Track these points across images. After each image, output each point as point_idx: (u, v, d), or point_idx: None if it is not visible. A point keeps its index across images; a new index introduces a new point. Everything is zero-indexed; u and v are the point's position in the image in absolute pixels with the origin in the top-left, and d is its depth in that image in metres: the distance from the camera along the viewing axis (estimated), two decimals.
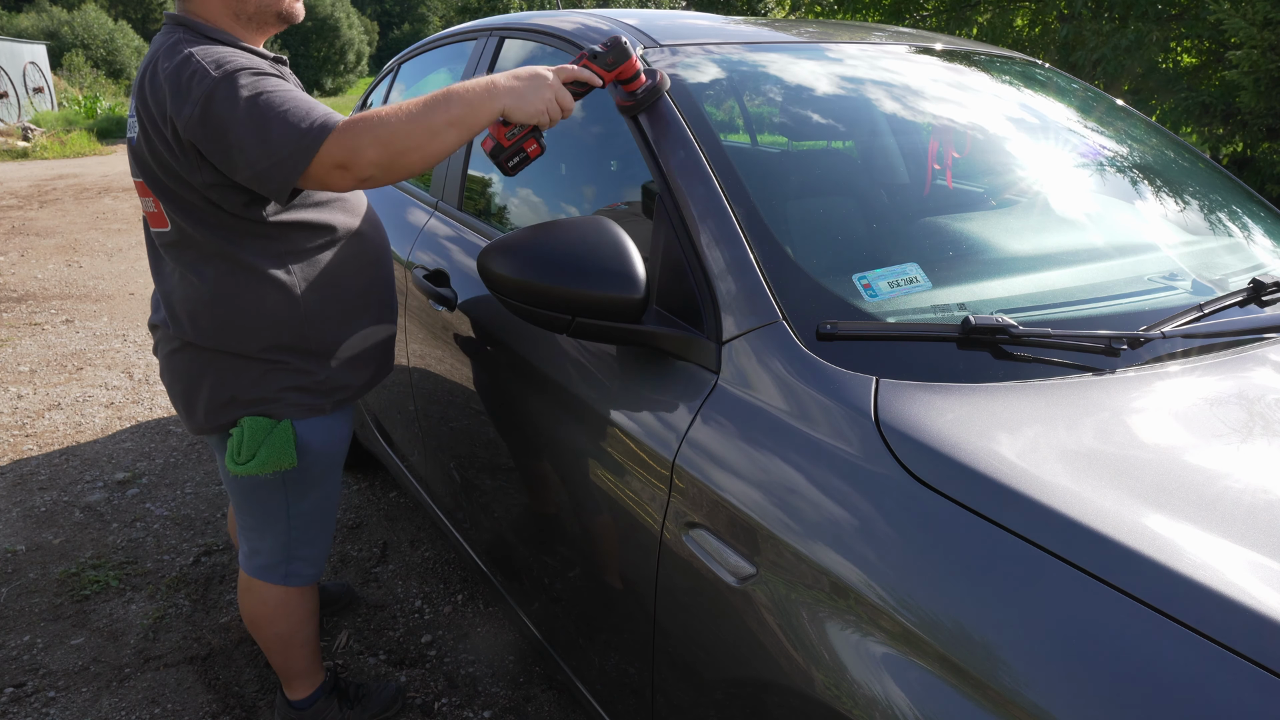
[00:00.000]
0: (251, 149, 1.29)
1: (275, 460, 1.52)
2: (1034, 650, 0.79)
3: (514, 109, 1.33)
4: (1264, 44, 4.83)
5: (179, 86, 1.31)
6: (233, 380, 1.52)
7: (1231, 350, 1.19)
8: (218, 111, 1.29)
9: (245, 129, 1.29)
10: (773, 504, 1.05)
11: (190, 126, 1.31)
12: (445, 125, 1.30)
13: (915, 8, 9.03)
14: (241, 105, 1.29)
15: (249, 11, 1.46)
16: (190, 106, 1.30)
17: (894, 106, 1.74)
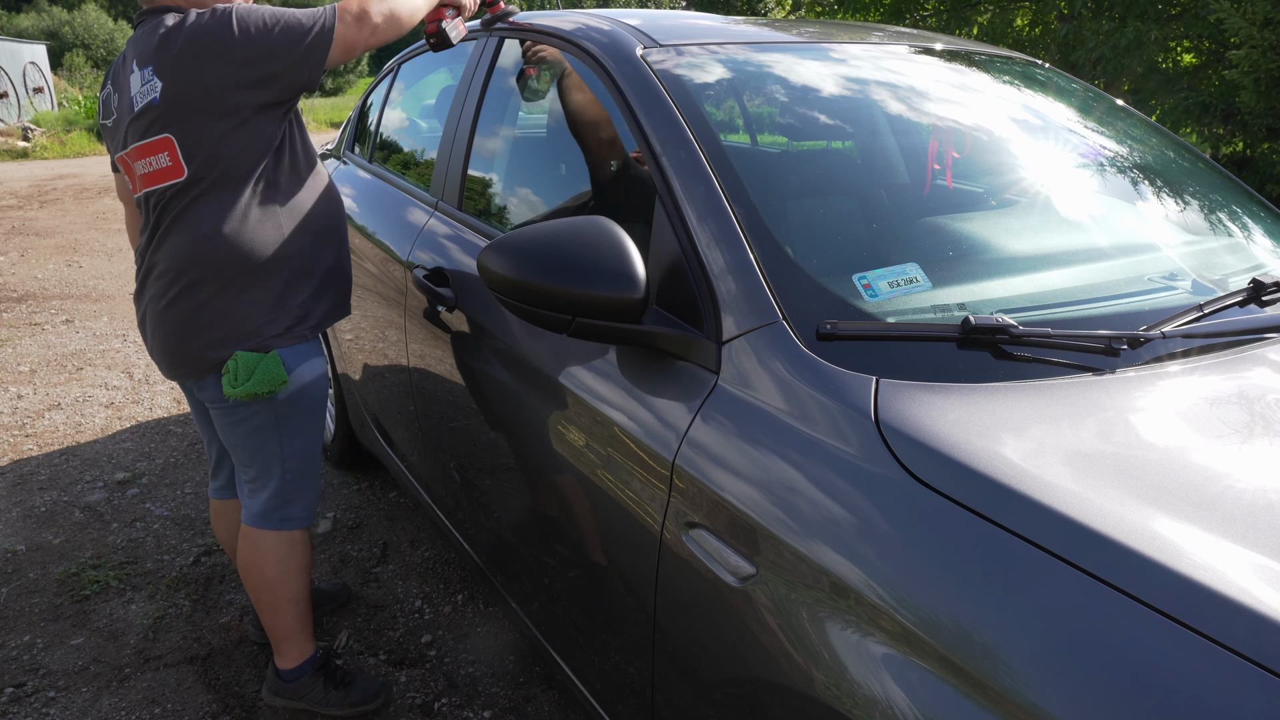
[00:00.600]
0: (291, 34, 1.63)
1: (269, 380, 1.70)
2: (1034, 650, 0.79)
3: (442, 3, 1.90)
4: (1264, 44, 4.83)
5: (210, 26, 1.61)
6: (224, 318, 1.71)
7: (1231, 350, 1.19)
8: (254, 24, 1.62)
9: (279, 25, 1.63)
10: (773, 504, 1.05)
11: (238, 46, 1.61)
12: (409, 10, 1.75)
13: (915, 8, 9.03)
14: (266, 11, 1.65)
15: None
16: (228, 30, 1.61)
17: (894, 106, 1.74)
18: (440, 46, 1.95)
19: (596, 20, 1.78)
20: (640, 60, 1.55)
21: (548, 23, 1.92)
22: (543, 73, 1.91)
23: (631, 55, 1.57)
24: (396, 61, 2.94)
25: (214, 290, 1.69)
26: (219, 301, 1.70)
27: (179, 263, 1.69)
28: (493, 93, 2.09)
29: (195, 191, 1.66)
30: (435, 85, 2.70)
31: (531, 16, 2.08)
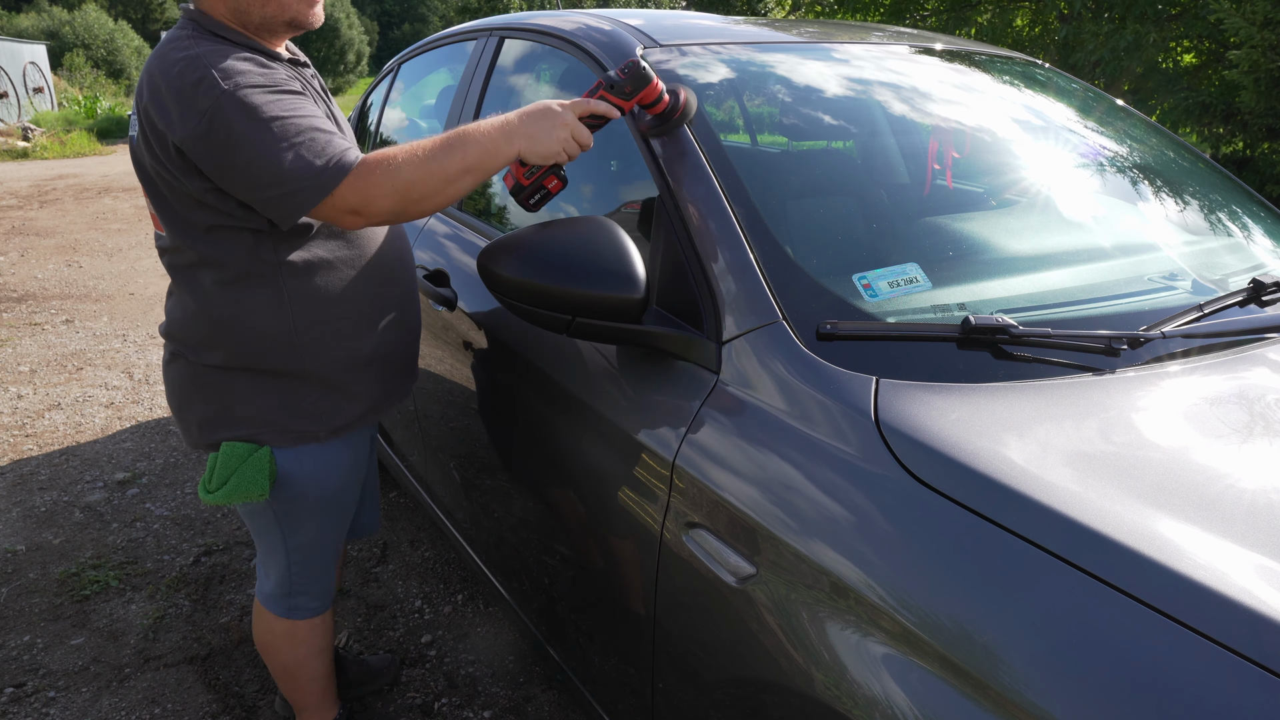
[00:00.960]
0: (261, 174, 1.21)
1: (244, 490, 1.40)
2: (1034, 650, 0.79)
3: (529, 152, 1.29)
4: (1264, 44, 4.83)
5: (183, 92, 1.21)
6: (219, 397, 1.42)
7: (1231, 350, 1.19)
8: (225, 129, 1.19)
9: (255, 152, 1.20)
10: (773, 504, 1.05)
11: (192, 141, 1.21)
12: (461, 172, 1.26)
13: (915, 8, 9.03)
14: (253, 126, 1.20)
15: (254, 22, 1.34)
16: (194, 119, 1.20)
17: (894, 106, 1.74)
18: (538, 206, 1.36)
19: (596, 20, 1.78)
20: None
21: (549, 22, 1.92)
22: None
23: (631, 55, 1.57)
24: (396, 61, 2.94)
25: (211, 364, 1.42)
26: (214, 376, 1.42)
27: (175, 326, 1.44)
28: (493, 93, 2.09)
29: (183, 259, 1.38)
30: (435, 85, 2.70)
31: (532, 16, 2.08)
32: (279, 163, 1.20)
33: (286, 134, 1.21)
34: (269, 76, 1.26)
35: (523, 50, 2.05)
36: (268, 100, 1.22)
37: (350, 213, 1.25)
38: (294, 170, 1.21)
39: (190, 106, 1.20)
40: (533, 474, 1.59)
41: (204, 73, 1.21)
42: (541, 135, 1.28)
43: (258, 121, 1.20)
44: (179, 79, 1.22)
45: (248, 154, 1.20)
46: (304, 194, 1.22)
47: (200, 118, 1.20)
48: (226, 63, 1.23)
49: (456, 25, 2.59)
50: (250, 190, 1.24)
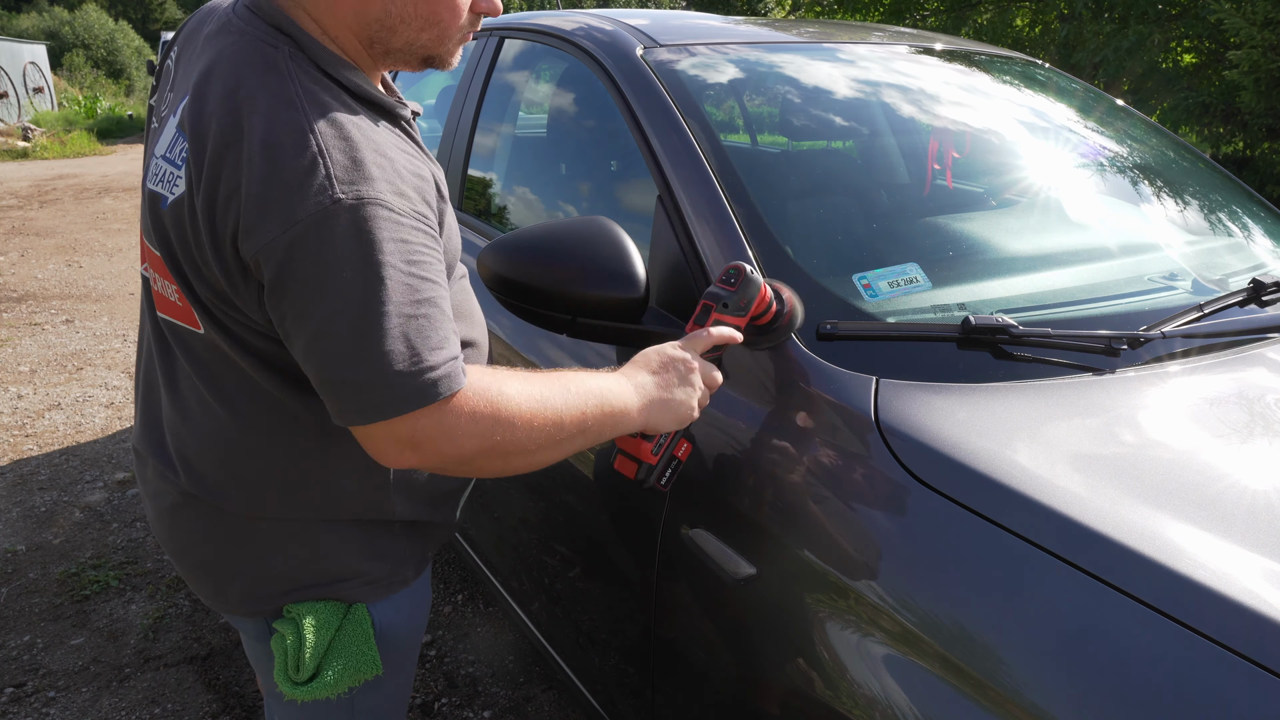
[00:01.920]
0: (339, 346, 0.81)
1: (354, 671, 1.02)
2: (1034, 650, 0.79)
3: (661, 423, 1.00)
4: (1264, 44, 4.83)
5: (282, 174, 0.80)
6: (281, 554, 1.01)
7: (1231, 350, 1.19)
8: (317, 258, 0.80)
9: (348, 312, 0.80)
10: (773, 504, 1.05)
11: (271, 251, 0.80)
12: (577, 431, 0.92)
13: (915, 8, 9.03)
14: (363, 272, 0.80)
15: (392, 46, 0.94)
16: (279, 223, 0.80)
17: (894, 106, 1.74)
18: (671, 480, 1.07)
19: (596, 20, 1.78)
20: (640, 60, 1.55)
21: (548, 22, 1.92)
22: None
23: (631, 55, 1.57)
24: None
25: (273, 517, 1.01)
26: (272, 529, 1.02)
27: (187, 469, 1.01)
28: (493, 93, 2.09)
29: (224, 364, 0.96)
30: (435, 85, 2.70)
31: (532, 16, 2.08)
32: (371, 340, 0.80)
33: (401, 300, 0.81)
34: (400, 168, 0.86)
35: (523, 50, 2.05)
36: (396, 236, 0.82)
37: (408, 445, 0.85)
38: (389, 360, 0.80)
39: (280, 203, 0.80)
40: (533, 474, 1.59)
41: (315, 156, 0.80)
42: (677, 397, 1.00)
43: (374, 267, 0.80)
44: (281, 153, 0.81)
45: (334, 308, 0.80)
46: (381, 400, 0.82)
47: (287, 226, 0.79)
48: (355, 147, 0.83)
49: None
50: (312, 359, 0.84)
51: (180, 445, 1.01)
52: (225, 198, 0.82)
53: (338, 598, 1.03)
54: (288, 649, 1.00)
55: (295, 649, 1.00)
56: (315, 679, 0.99)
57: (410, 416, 0.83)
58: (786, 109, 1.75)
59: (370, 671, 1.03)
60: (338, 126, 0.84)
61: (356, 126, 0.86)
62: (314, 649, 0.99)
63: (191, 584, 1.09)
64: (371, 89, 0.93)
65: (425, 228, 0.86)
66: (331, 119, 0.84)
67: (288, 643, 1.00)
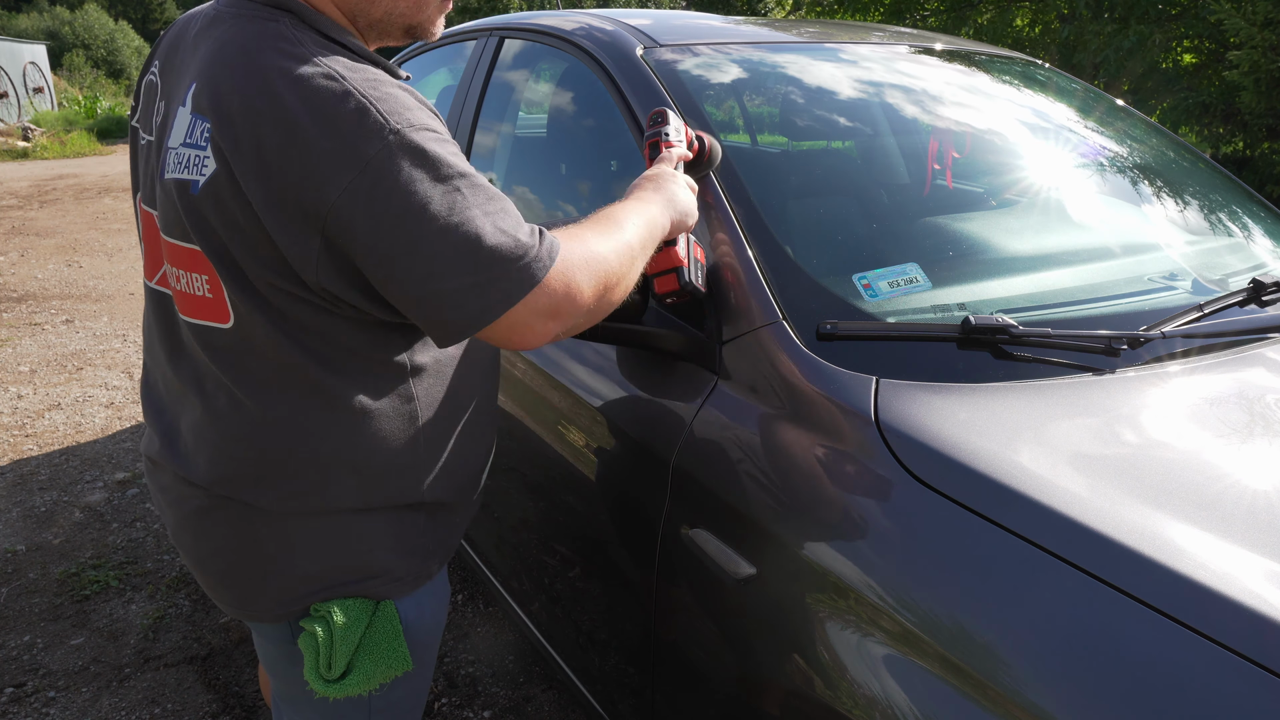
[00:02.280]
0: (449, 254, 0.84)
1: (385, 668, 1.02)
2: (1034, 650, 0.79)
3: (679, 223, 1.12)
4: (1265, 44, 4.83)
5: (336, 125, 0.83)
6: (315, 550, 1.01)
7: (1231, 350, 1.19)
8: (408, 186, 0.83)
9: (449, 222, 0.84)
10: (773, 504, 1.05)
11: (350, 200, 0.83)
12: (641, 247, 1.01)
13: (915, 8, 9.03)
14: (442, 187, 0.85)
15: (373, 17, 0.98)
16: (351, 170, 0.82)
17: (894, 106, 1.74)
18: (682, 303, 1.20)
19: (596, 20, 1.78)
20: (640, 60, 1.55)
21: (548, 22, 1.92)
22: None
23: (631, 55, 1.57)
24: (395, 61, 2.94)
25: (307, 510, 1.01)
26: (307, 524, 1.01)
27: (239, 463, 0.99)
28: (493, 93, 2.09)
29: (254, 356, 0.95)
30: (435, 85, 2.70)
31: (532, 16, 2.08)
32: (477, 237, 0.84)
33: (481, 199, 0.87)
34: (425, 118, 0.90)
35: (523, 50, 2.05)
36: (450, 152, 0.88)
37: (549, 316, 0.89)
38: (495, 251, 0.85)
39: (345, 149, 0.82)
40: (532, 474, 1.59)
41: (359, 101, 0.84)
42: (682, 200, 1.12)
43: (446, 180, 0.85)
44: (326, 105, 0.83)
45: (435, 226, 0.83)
46: (510, 283, 0.86)
47: (361, 167, 0.82)
48: (382, 89, 0.87)
49: (456, 25, 2.59)
50: (424, 281, 0.85)
51: (209, 448, 1.00)
52: (278, 160, 0.83)
53: (366, 594, 1.04)
54: (319, 646, 0.99)
55: (327, 646, 0.99)
56: (346, 676, 1.00)
57: (540, 288, 0.87)
58: (786, 109, 1.75)
59: (401, 667, 1.04)
60: (362, 74, 0.88)
61: (375, 73, 0.90)
62: (345, 645, 1.00)
63: (216, 591, 1.08)
64: (370, 53, 0.96)
65: (455, 142, 0.93)
66: (354, 68, 0.88)
67: (319, 640, 0.99)
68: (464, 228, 0.84)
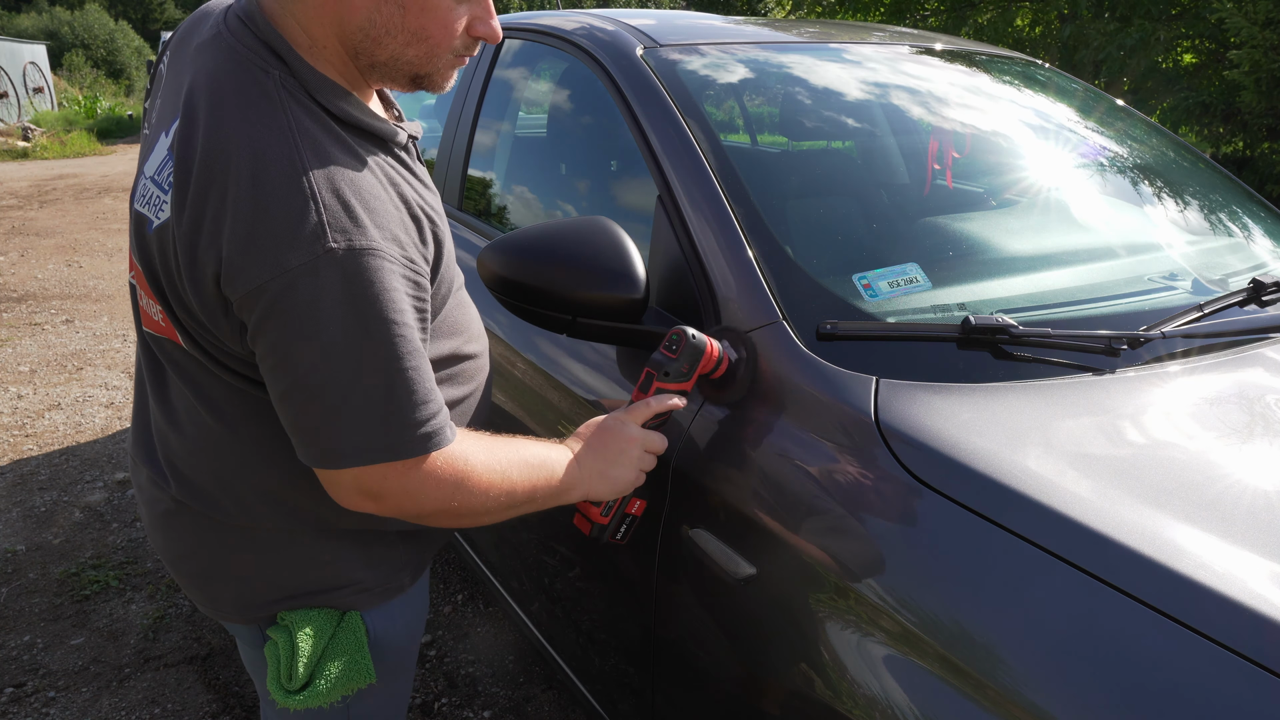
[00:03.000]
0: (319, 391, 0.81)
1: (346, 680, 1.00)
2: (1034, 650, 0.79)
3: (603, 492, 1.05)
4: (1265, 43, 4.83)
5: (271, 217, 0.79)
6: (275, 562, 1.01)
7: (1231, 350, 1.19)
8: (314, 309, 0.79)
9: (336, 362, 0.80)
10: (773, 504, 1.05)
11: (258, 295, 0.79)
12: (521, 504, 0.97)
13: (916, 8, 9.03)
14: (354, 325, 0.80)
15: (377, 59, 0.91)
16: (267, 269, 0.78)
17: (894, 106, 1.74)
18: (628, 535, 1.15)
19: (597, 20, 1.78)
20: (640, 60, 1.55)
21: (549, 22, 1.92)
22: None
23: (631, 55, 1.57)
24: None
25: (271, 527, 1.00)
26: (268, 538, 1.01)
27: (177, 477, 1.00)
28: (493, 92, 2.09)
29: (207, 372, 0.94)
30: None
31: (532, 16, 2.08)
32: (356, 392, 0.81)
33: (390, 355, 0.82)
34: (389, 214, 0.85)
35: (523, 50, 2.05)
36: (388, 282, 0.81)
37: (369, 496, 0.87)
38: (372, 412, 0.82)
39: (273, 246, 0.78)
40: None
41: (309, 201, 0.79)
42: (614, 470, 1.05)
43: (360, 320, 0.80)
44: (273, 195, 0.79)
45: (321, 358, 0.80)
46: (356, 447, 0.83)
47: (277, 274, 0.78)
48: (350, 186, 0.82)
49: None
50: (291, 403, 0.83)
51: (170, 455, 1.00)
52: (210, 234, 0.80)
53: (331, 605, 1.03)
54: (280, 657, 0.99)
55: (288, 657, 0.99)
56: (308, 687, 0.98)
57: (380, 468, 0.85)
58: (786, 109, 1.75)
59: (364, 680, 1.02)
60: (330, 165, 0.82)
61: (350, 165, 0.84)
62: (308, 658, 0.99)
63: (186, 590, 1.09)
64: (365, 116, 0.90)
65: (416, 275, 0.86)
66: (323, 155, 0.82)
67: (280, 651, 0.99)
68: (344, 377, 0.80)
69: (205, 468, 0.98)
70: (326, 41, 0.89)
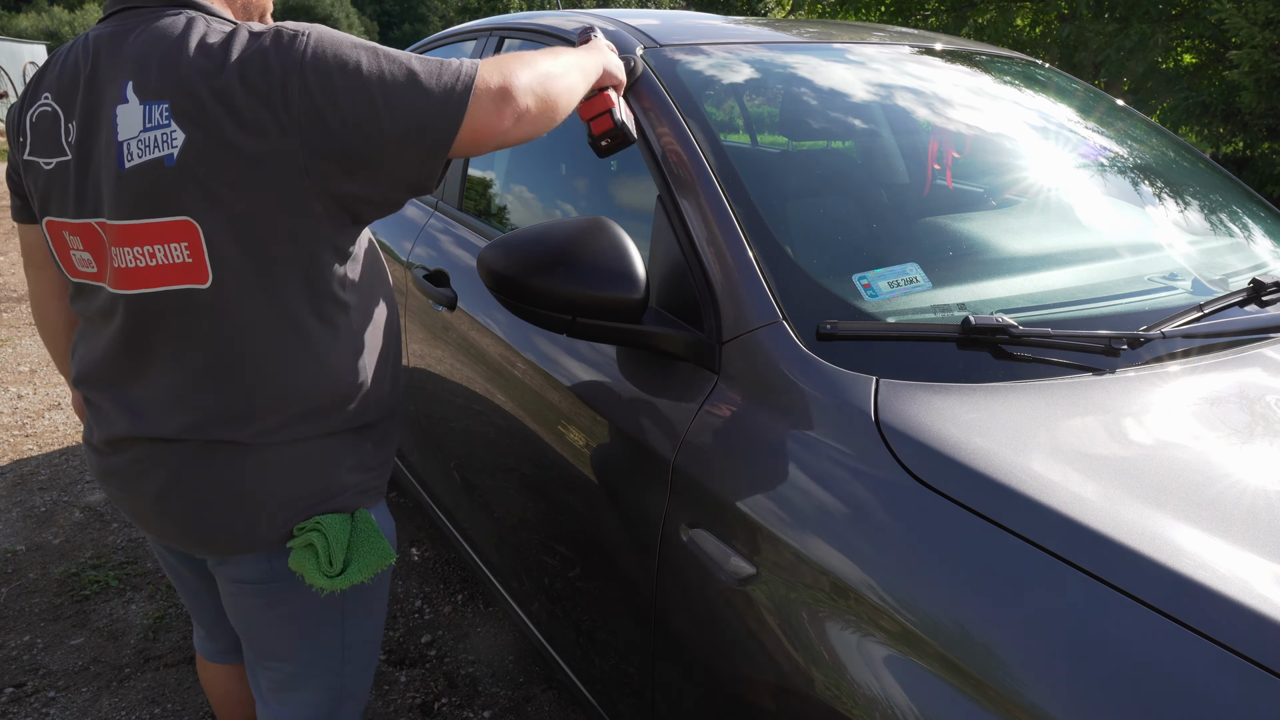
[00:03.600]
0: (403, 89, 1.02)
1: (375, 560, 1.19)
2: (1034, 650, 0.79)
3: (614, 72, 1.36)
4: (1265, 44, 4.83)
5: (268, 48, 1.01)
6: (286, 478, 1.15)
7: (1231, 350, 1.19)
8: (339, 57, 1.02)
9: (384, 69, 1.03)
10: (773, 504, 1.05)
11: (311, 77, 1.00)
12: (571, 65, 1.21)
13: (916, 8, 9.03)
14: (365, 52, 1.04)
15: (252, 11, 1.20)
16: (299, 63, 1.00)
17: (894, 106, 1.74)
18: (617, 147, 1.36)
19: (597, 20, 1.78)
20: (640, 60, 1.55)
21: (549, 22, 1.92)
22: None
23: (631, 55, 1.57)
24: None
25: (290, 438, 1.14)
26: (289, 452, 1.15)
27: (207, 398, 1.11)
28: None
29: (227, 305, 1.07)
30: None
31: (533, 16, 2.08)
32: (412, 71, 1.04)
33: (395, 56, 1.05)
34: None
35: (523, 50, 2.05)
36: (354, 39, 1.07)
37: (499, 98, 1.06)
38: (432, 68, 1.05)
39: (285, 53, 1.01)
40: (533, 474, 1.59)
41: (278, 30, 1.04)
42: (610, 56, 1.38)
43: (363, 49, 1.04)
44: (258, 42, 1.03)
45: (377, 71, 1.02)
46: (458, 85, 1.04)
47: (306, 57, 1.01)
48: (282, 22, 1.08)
49: (456, 25, 2.59)
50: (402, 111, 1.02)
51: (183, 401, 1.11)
52: (250, 92, 1.00)
53: (338, 509, 1.19)
54: (319, 550, 1.15)
55: (325, 548, 1.15)
56: (345, 571, 1.16)
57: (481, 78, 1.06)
58: (786, 109, 1.75)
59: (387, 559, 1.20)
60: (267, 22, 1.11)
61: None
62: (344, 544, 1.17)
63: (204, 545, 1.19)
64: None
65: None
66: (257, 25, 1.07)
67: (318, 544, 1.15)
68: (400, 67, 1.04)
69: (220, 397, 1.11)
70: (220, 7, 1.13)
